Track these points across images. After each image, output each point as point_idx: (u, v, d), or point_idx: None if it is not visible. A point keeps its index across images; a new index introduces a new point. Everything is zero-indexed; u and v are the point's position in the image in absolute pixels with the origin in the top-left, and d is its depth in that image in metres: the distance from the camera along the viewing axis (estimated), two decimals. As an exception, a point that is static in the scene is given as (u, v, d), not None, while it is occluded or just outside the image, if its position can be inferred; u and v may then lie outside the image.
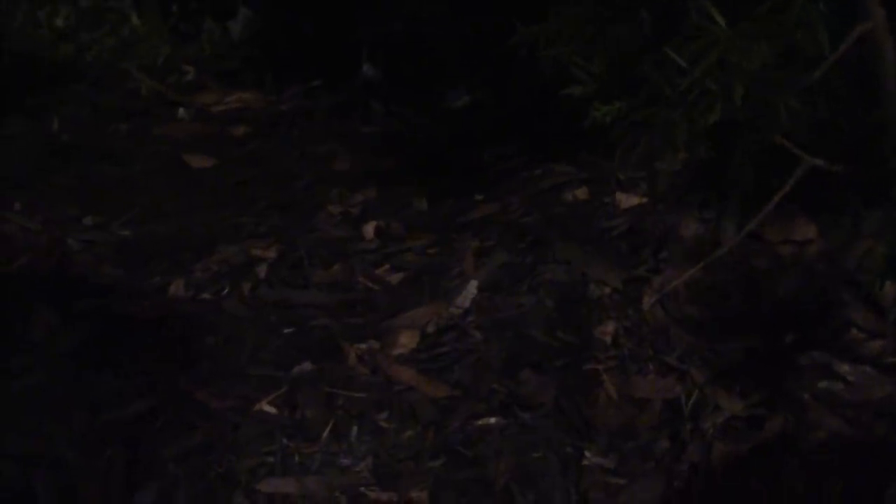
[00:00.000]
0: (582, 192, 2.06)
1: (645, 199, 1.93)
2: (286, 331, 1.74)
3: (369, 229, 2.05)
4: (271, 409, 1.54)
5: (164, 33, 3.33)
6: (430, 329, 1.68)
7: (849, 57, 0.92)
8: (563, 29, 1.37)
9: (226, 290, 1.88)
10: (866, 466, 1.32)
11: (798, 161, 1.05)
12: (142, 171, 2.54)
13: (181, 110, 2.98)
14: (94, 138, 2.77)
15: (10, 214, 2.19)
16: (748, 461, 1.35)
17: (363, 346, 1.67)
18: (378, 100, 2.88)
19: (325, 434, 1.48)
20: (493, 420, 1.45)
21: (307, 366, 1.63)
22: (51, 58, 3.25)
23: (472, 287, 1.75)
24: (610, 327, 1.58)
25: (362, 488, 1.40)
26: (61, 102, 2.98)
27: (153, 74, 3.16)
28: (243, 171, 2.51)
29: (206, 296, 1.86)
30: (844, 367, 1.42)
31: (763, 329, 1.53)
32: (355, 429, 1.48)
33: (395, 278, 1.87)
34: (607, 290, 1.70)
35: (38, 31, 3.33)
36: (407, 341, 1.66)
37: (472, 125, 2.60)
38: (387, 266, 1.91)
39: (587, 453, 1.41)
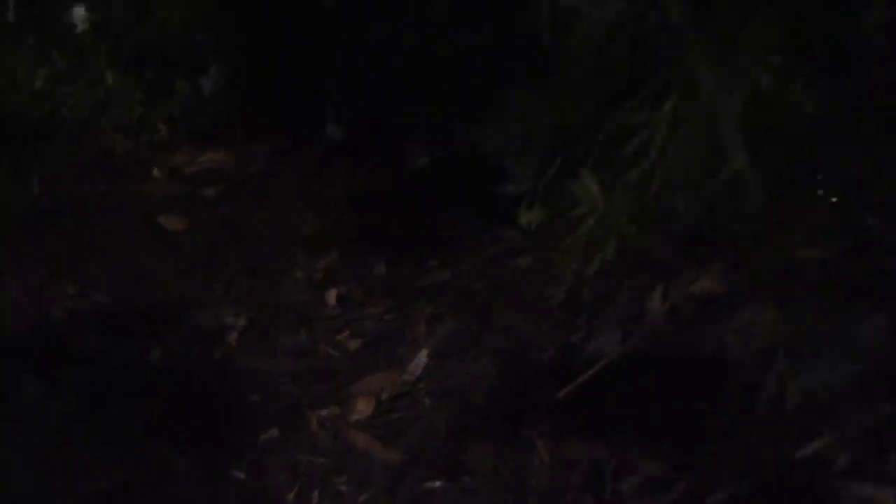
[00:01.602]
0: (526, 261, 2.25)
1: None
2: (255, 397, 1.92)
3: (331, 295, 2.23)
4: (241, 475, 1.70)
5: (138, 92, 3.49)
6: (385, 396, 1.86)
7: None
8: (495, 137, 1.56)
9: (198, 358, 2.05)
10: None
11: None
12: (118, 234, 2.70)
13: (155, 170, 3.15)
14: (72, 200, 2.92)
15: (-4, 283, 2.35)
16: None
17: (324, 412, 1.85)
18: (342, 160, 3.06)
19: (291, 498, 1.65)
20: (438, 484, 1.63)
21: (274, 432, 1.80)
22: (28, 117, 3.40)
23: (423, 355, 1.93)
24: (544, 393, 1.76)
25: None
26: (39, 161, 3.14)
27: (128, 133, 3.33)
28: (214, 233, 2.68)
29: (180, 364, 2.03)
30: (749, 429, 1.61)
31: (680, 394, 1.72)
32: (317, 493, 1.66)
33: (354, 344, 2.04)
34: (546, 356, 1.89)
35: (17, 91, 3.49)
36: (364, 408, 1.84)
37: (429, 187, 2.78)
38: (347, 332, 2.08)
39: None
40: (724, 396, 1.72)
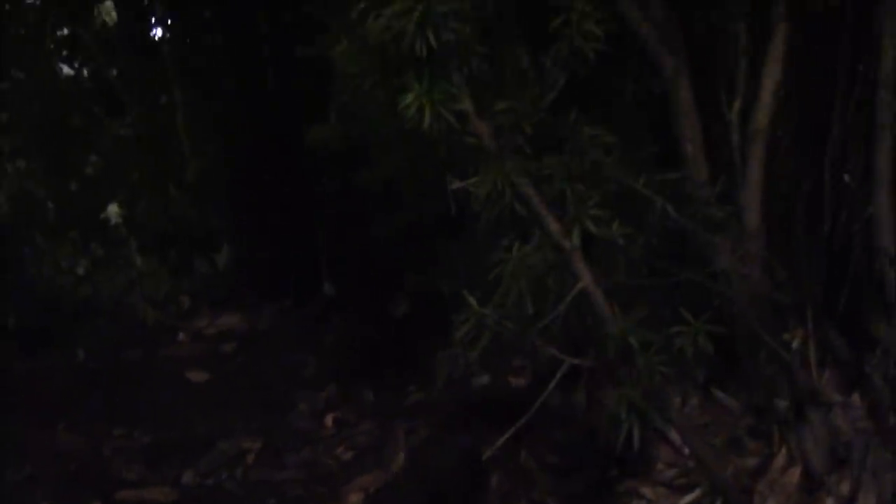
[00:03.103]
0: (485, 379, 2.77)
1: (524, 381, 2.64)
2: (270, 501, 2.41)
3: (329, 419, 2.75)
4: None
5: (164, 271, 4.12)
6: (372, 490, 2.36)
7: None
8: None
9: (224, 476, 2.55)
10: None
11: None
12: (153, 388, 3.25)
13: (181, 334, 3.72)
14: (113, 364, 3.48)
15: (58, 433, 2.87)
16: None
17: (325, 506, 2.34)
18: (337, 312, 3.63)
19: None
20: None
21: (288, 528, 2.30)
22: (72, 298, 4.01)
23: (402, 458, 2.44)
24: (494, 477, 2.26)
25: None
26: (83, 335, 3.72)
27: (156, 306, 3.93)
28: (233, 382, 3.23)
29: (209, 481, 2.53)
30: (647, 490, 2.08)
31: (597, 467, 2.21)
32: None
33: (348, 455, 2.56)
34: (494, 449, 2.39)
35: (62, 277, 4.11)
36: (356, 500, 2.32)
37: (409, 328, 3.34)
38: (342, 447, 2.60)
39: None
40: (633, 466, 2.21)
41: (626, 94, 2.11)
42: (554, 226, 1.70)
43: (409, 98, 1.52)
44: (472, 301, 1.64)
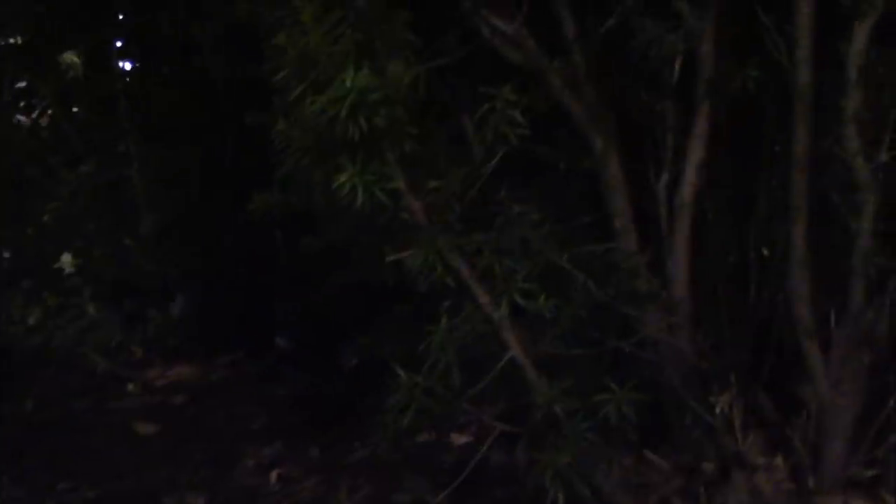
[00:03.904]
0: (429, 435, 2.83)
1: (468, 438, 2.71)
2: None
3: (274, 476, 2.78)
4: None
5: (116, 321, 4.13)
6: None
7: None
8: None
9: (167, 535, 2.58)
10: None
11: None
12: (100, 440, 3.26)
13: (130, 385, 3.73)
14: (61, 415, 3.49)
15: (2, 485, 2.87)
16: None
17: (265, 565, 2.37)
18: (289, 365, 3.67)
19: None
20: None
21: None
22: (23, 348, 4.01)
23: (343, 514, 2.49)
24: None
25: None
26: (33, 384, 3.71)
27: (107, 355, 3.93)
28: (181, 434, 3.25)
29: (152, 540, 2.56)
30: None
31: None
32: None
33: (291, 512, 2.59)
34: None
35: (13, 327, 4.11)
36: (295, 558, 2.36)
37: (358, 382, 3.38)
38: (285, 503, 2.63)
39: None
40: None
41: (558, 168, 2.21)
42: (483, 298, 1.78)
43: (343, 178, 1.60)
44: (401, 371, 1.71)
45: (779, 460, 2.20)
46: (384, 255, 1.88)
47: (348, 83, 1.54)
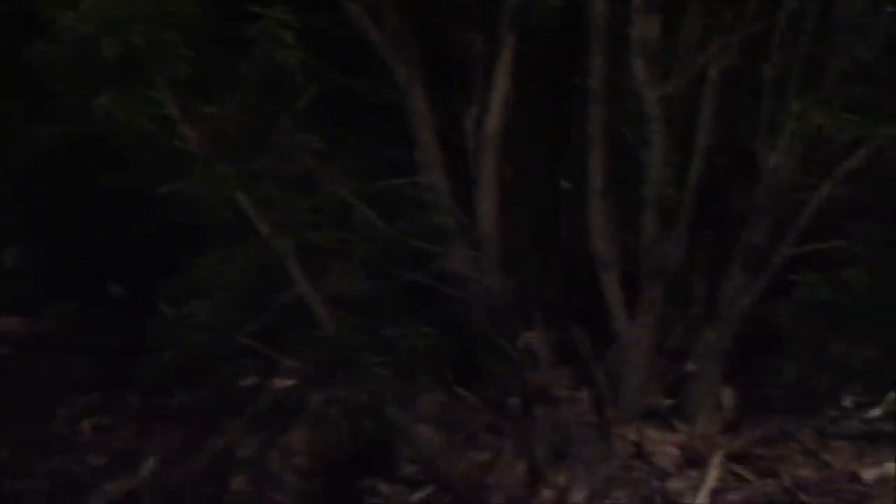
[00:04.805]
0: (252, 380, 2.76)
1: (291, 382, 2.65)
2: (12, 514, 2.33)
3: (87, 425, 2.68)
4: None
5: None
6: (119, 493, 2.32)
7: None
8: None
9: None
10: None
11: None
12: None
13: (-50, 338, 3.53)
14: None
15: None
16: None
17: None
18: (121, 315, 3.52)
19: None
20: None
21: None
22: None
23: (152, 461, 2.41)
24: (239, 479, 2.26)
25: None
26: None
27: (-68, 307, 3.70)
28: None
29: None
30: (384, 487, 2.14)
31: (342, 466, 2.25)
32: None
33: (99, 461, 2.50)
34: (247, 452, 2.39)
35: None
36: (100, 506, 2.28)
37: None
38: (94, 453, 2.53)
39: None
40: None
41: (363, 100, 2.14)
42: (265, 230, 1.72)
43: (101, 101, 1.50)
44: (165, 308, 1.63)
45: (583, 393, 2.22)
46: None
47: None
